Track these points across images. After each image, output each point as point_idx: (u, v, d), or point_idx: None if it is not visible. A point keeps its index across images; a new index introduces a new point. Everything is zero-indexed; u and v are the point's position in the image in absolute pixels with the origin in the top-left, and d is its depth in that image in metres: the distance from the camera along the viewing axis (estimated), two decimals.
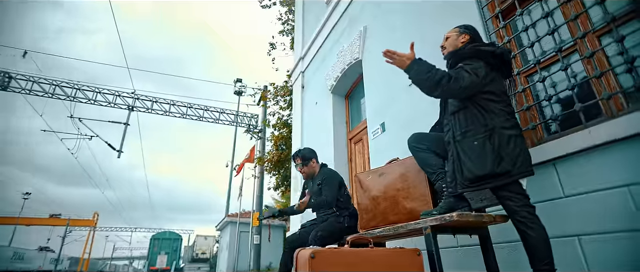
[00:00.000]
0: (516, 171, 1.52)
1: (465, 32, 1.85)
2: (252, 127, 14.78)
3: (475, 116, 1.63)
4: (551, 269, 1.40)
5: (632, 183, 1.51)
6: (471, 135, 1.61)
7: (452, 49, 1.84)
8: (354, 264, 1.40)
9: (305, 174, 2.84)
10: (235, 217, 16.55)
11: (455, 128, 1.69)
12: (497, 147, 1.54)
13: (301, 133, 5.98)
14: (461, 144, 1.64)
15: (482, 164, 1.54)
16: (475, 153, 1.57)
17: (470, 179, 1.58)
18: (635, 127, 1.49)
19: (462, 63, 1.69)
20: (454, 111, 1.72)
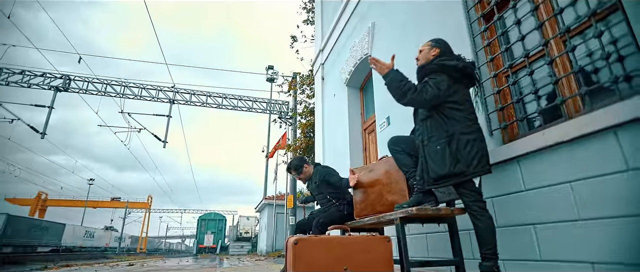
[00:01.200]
0: (471, 171, 1.78)
1: (436, 46, 2.08)
2: (283, 114, 15.38)
3: (438, 123, 1.90)
4: (493, 253, 1.68)
5: (574, 180, 1.71)
6: (435, 140, 1.88)
7: (424, 61, 2.09)
8: (330, 248, 1.77)
9: (304, 179, 3.24)
10: (271, 200, 17.51)
11: (423, 134, 1.96)
12: (455, 151, 1.81)
13: (322, 123, 6.34)
14: (427, 148, 1.91)
15: (442, 165, 1.82)
16: (438, 156, 1.85)
17: (434, 178, 1.87)
18: (579, 130, 1.68)
19: (428, 77, 1.94)
20: (423, 119, 1.99)
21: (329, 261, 1.76)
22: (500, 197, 2.17)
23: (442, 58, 1.99)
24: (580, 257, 1.66)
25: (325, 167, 3.20)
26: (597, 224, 1.60)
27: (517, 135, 2.22)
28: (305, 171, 3.24)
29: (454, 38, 2.72)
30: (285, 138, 13.64)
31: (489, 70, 2.46)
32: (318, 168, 3.23)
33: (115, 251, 32.46)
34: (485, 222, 1.73)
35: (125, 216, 37.95)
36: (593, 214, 1.62)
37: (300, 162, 3.26)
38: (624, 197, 1.50)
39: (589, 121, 1.64)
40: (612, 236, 1.53)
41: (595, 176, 1.62)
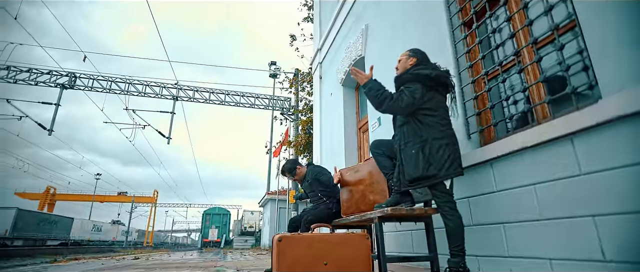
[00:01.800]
0: (442, 174, 1.92)
1: (413, 55, 2.20)
2: (286, 110, 15.52)
3: (413, 129, 2.02)
4: (461, 250, 1.82)
5: (537, 183, 1.85)
6: (411, 145, 2.02)
7: (402, 70, 2.21)
8: (311, 245, 1.93)
9: (299, 179, 3.41)
10: (274, 195, 17.74)
11: (401, 139, 2.10)
12: (428, 155, 1.94)
13: (320, 121, 6.48)
14: (403, 152, 2.05)
15: (416, 168, 1.96)
16: (412, 160, 1.98)
17: (408, 180, 2.01)
18: (541, 136, 1.81)
19: (404, 86, 2.07)
20: (400, 125, 2.12)
21: (310, 257, 1.92)
22: (475, 197, 2.31)
23: (417, 67, 2.12)
24: (540, 254, 1.80)
25: (317, 166, 3.36)
26: (555, 224, 1.73)
27: (492, 139, 2.35)
28: (299, 172, 3.41)
29: (438, 44, 2.86)
30: (288, 134, 13.81)
31: (469, 75, 2.58)
32: (310, 167, 3.39)
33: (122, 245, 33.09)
34: (455, 222, 1.87)
35: (132, 210, 38.59)
36: (552, 214, 1.75)
37: (293, 165, 3.42)
38: (577, 199, 1.63)
39: (549, 128, 1.76)
40: (567, 234, 1.67)
41: (554, 180, 1.75)
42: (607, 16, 1.57)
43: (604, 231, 1.51)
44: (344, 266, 1.96)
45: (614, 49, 1.53)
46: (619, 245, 1.45)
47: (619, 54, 1.51)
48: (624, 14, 1.51)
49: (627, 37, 1.48)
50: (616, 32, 1.53)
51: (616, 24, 1.53)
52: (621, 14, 1.52)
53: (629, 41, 1.47)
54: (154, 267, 4.28)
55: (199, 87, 15.01)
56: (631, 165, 1.42)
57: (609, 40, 1.55)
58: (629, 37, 1.48)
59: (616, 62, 1.52)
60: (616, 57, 1.52)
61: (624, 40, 1.49)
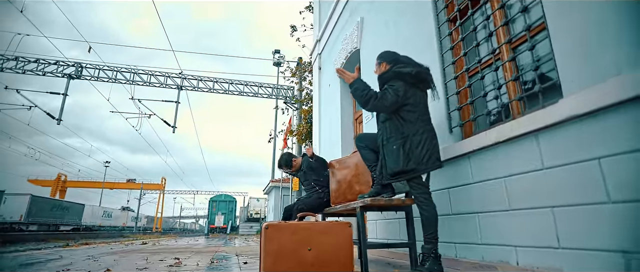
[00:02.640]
0: (421, 168, 2.04)
1: (382, 61, 2.31)
2: (289, 99, 15.62)
3: (396, 126, 2.14)
4: (434, 237, 1.97)
5: (507, 175, 1.97)
6: (393, 141, 2.13)
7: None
8: (296, 232, 2.09)
9: (295, 171, 3.57)
10: (278, 183, 18.03)
11: (383, 134, 2.21)
12: (408, 151, 2.06)
13: (319, 112, 6.60)
14: (386, 147, 2.17)
15: (397, 163, 2.08)
16: (394, 155, 2.10)
17: (390, 174, 2.13)
18: (511, 132, 1.92)
19: (387, 85, 2.18)
20: (383, 121, 2.23)
21: (295, 243, 2.08)
22: (455, 188, 2.44)
23: (398, 66, 2.22)
24: (507, 241, 1.94)
25: (307, 160, 3.50)
26: (520, 214, 1.86)
27: (473, 133, 2.46)
28: (294, 164, 3.57)
29: (427, 39, 2.94)
30: (290, 123, 13.96)
31: (454, 71, 2.67)
32: (305, 158, 3.54)
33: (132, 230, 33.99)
34: (429, 211, 2.00)
35: (141, 197, 39.46)
36: (518, 205, 1.88)
37: (289, 157, 3.59)
38: (539, 192, 1.75)
39: (517, 125, 1.87)
40: (529, 224, 1.80)
41: (521, 173, 1.87)
42: (573, 18, 1.65)
43: (560, 221, 1.63)
44: (327, 251, 2.12)
45: (578, 50, 1.62)
46: (571, 233, 1.58)
47: (582, 55, 1.60)
48: (589, 16, 1.59)
49: (591, 39, 1.57)
50: (580, 34, 1.61)
51: (581, 25, 1.62)
52: (587, 16, 1.60)
53: (592, 43, 1.56)
54: (159, 252, 4.52)
55: (203, 76, 15.17)
56: (585, 161, 1.53)
57: (573, 42, 1.64)
58: (592, 39, 1.56)
59: (579, 63, 1.61)
60: (580, 58, 1.61)
61: (587, 41, 1.58)
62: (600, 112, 1.47)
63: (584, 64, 1.58)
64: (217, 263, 3.05)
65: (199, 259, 3.41)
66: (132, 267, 2.70)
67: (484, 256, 2.11)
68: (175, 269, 2.58)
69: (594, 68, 1.53)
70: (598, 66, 1.52)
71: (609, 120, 1.45)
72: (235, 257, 3.65)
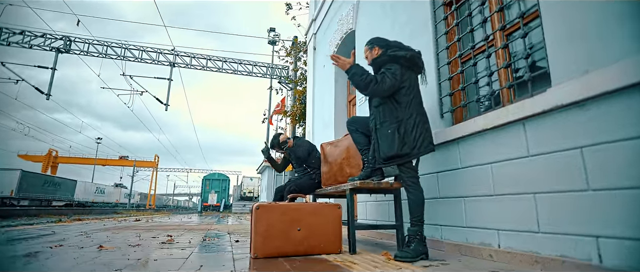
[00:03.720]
0: (415, 152, 2.07)
1: (375, 45, 2.28)
2: (283, 79, 15.47)
3: (390, 110, 2.13)
4: (419, 220, 2.02)
5: (493, 162, 2.01)
6: (387, 125, 2.12)
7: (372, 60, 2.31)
8: (285, 212, 2.13)
9: (288, 151, 3.59)
10: None
11: (377, 118, 2.19)
12: (402, 135, 2.07)
13: (312, 93, 6.57)
14: (379, 131, 2.16)
15: (391, 147, 2.08)
16: (388, 139, 2.10)
17: (383, 158, 2.13)
18: (498, 119, 1.95)
19: (384, 68, 2.16)
20: (376, 105, 2.22)
21: (285, 223, 2.13)
22: (443, 172, 2.49)
23: (392, 49, 2.21)
24: (490, 225, 2.01)
25: (301, 140, 3.52)
26: (504, 199, 1.92)
27: (463, 119, 2.49)
28: (289, 144, 3.59)
29: (422, 23, 2.92)
30: (284, 103, 13.89)
31: (447, 56, 2.67)
32: (296, 141, 3.56)
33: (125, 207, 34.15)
34: (416, 196, 2.05)
35: (134, 174, 39.45)
36: (502, 191, 1.93)
37: (283, 140, 3.61)
38: (523, 178, 1.80)
39: (505, 113, 1.90)
40: (512, 209, 1.86)
41: (507, 160, 1.92)
42: (567, 8, 1.65)
43: (541, 207, 1.69)
44: (316, 231, 2.18)
45: (569, 39, 1.62)
46: (551, 219, 1.64)
47: (572, 45, 1.61)
48: (582, 6, 1.59)
49: (582, 29, 1.57)
50: (572, 24, 1.62)
51: (573, 15, 1.62)
52: (580, 6, 1.60)
53: (582, 33, 1.57)
54: (152, 229, 4.57)
55: (196, 53, 14.88)
56: (568, 149, 1.57)
57: (564, 31, 1.65)
58: (583, 29, 1.57)
59: (569, 53, 1.62)
60: (570, 47, 1.62)
61: (578, 32, 1.59)
62: (587, 102, 1.50)
63: (574, 54, 1.60)
64: (209, 241, 3.11)
65: (192, 237, 3.47)
66: (124, 244, 2.74)
67: (467, 238, 2.19)
68: (168, 246, 2.63)
69: (583, 58, 1.55)
70: (587, 56, 1.53)
71: (594, 110, 1.48)
72: (227, 236, 3.71)
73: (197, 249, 2.49)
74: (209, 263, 1.87)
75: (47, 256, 2.09)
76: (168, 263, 1.87)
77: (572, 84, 1.54)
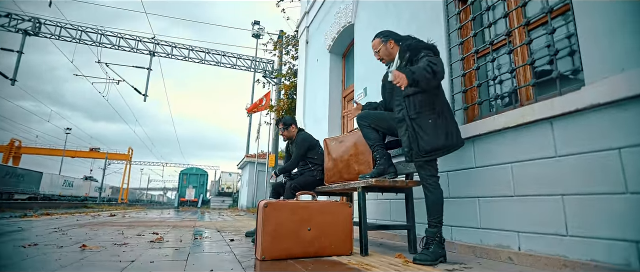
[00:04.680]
0: (456, 144, 1.95)
1: (389, 39, 2.16)
2: (268, 73, 15.17)
3: (427, 99, 1.95)
4: (439, 222, 1.93)
5: (514, 161, 1.94)
6: (425, 115, 1.94)
7: (387, 56, 2.18)
8: (294, 211, 1.98)
9: (285, 137, 3.41)
10: (253, 158, 17.79)
11: (409, 108, 1.98)
12: (445, 125, 1.93)
13: (304, 87, 6.41)
14: (417, 121, 1.95)
15: (436, 138, 1.90)
16: (430, 129, 1.92)
17: (426, 150, 1.92)
18: (523, 118, 1.88)
19: (424, 54, 1.96)
20: (408, 94, 2.00)
21: (295, 222, 1.98)
22: (455, 171, 2.41)
23: (413, 40, 2.10)
24: (510, 227, 1.94)
25: (305, 135, 3.36)
26: (526, 200, 1.85)
27: (476, 116, 2.42)
28: (291, 130, 3.44)
29: (431, 18, 2.82)
30: (269, 98, 13.62)
31: (459, 52, 2.59)
32: (299, 134, 3.39)
33: (95, 201, 32.62)
34: (436, 195, 1.95)
35: (105, 166, 37.76)
36: (525, 191, 1.87)
37: (291, 121, 3.47)
38: (550, 179, 1.74)
39: (530, 111, 1.83)
40: (536, 210, 1.79)
41: (530, 160, 1.85)
42: (601, 2, 1.59)
43: (570, 209, 1.63)
44: (326, 231, 2.04)
45: (604, 36, 1.56)
46: (581, 222, 1.58)
47: (608, 42, 1.55)
48: (618, 2, 1.53)
49: (618, 26, 1.51)
50: (607, 20, 1.55)
51: (608, 11, 1.56)
52: (615, 2, 1.54)
53: (619, 30, 1.51)
54: (133, 225, 4.28)
55: (177, 43, 14.32)
56: (604, 150, 1.51)
57: (599, 27, 1.58)
58: (619, 25, 1.51)
59: (604, 50, 1.56)
60: (605, 44, 1.56)
61: (614, 28, 1.53)
62: (626, 102, 1.44)
63: (610, 51, 1.53)
64: (201, 240, 2.90)
65: (181, 235, 3.24)
66: (109, 243, 2.50)
67: (482, 240, 2.12)
68: (159, 246, 2.41)
69: (620, 56, 1.49)
70: (625, 54, 1.47)
71: (633, 110, 1.42)
72: (218, 234, 3.51)
73: (192, 249, 2.29)
74: (212, 266, 1.69)
75: (23, 256, 1.84)
76: (165, 265, 1.68)
77: (610, 82, 1.48)
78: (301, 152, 3.18)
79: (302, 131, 3.44)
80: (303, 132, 3.40)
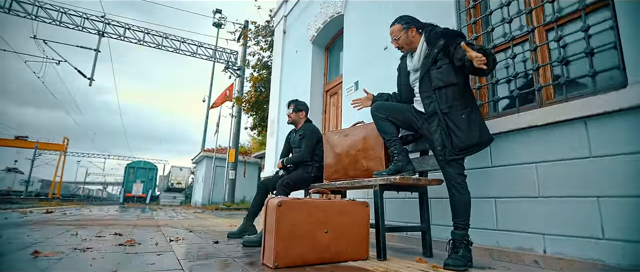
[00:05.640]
0: (488, 140, 1.82)
1: (410, 26, 2.01)
2: (231, 64, 14.46)
3: (459, 92, 1.82)
4: (466, 224, 1.80)
5: (539, 161, 1.88)
6: (458, 109, 1.80)
7: (407, 44, 2.02)
8: (311, 211, 1.74)
9: (291, 119, 3.11)
10: (211, 153, 16.91)
11: (440, 102, 1.84)
12: (479, 121, 1.81)
13: (280, 79, 6.09)
14: (449, 116, 1.81)
15: (471, 135, 1.77)
16: (464, 125, 1.78)
17: (460, 148, 1.78)
18: (556, 116, 1.81)
19: (459, 39, 1.82)
20: (439, 87, 1.85)
21: (311, 224, 1.73)
22: (468, 170, 2.30)
23: (439, 28, 1.96)
24: (533, 229, 1.87)
25: (314, 127, 3.07)
26: (555, 201, 1.79)
27: (486, 115, 2.35)
28: (299, 115, 3.13)
29: (440, 11, 2.71)
30: (232, 90, 12.97)
31: None
32: (308, 125, 3.10)
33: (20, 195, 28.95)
34: (465, 195, 1.81)
35: (34, 157, 33.67)
36: (553, 192, 1.80)
37: (304, 107, 3.17)
38: (583, 180, 1.68)
39: (562, 110, 1.77)
40: (567, 212, 1.73)
41: (560, 160, 1.79)
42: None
43: (607, 212, 1.58)
44: (343, 234, 1.82)
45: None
46: (619, 225, 1.54)
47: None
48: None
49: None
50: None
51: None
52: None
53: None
54: (83, 225, 3.69)
55: (131, 25, 13.06)
56: None
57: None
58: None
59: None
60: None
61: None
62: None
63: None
64: (181, 241, 2.52)
65: (150, 236, 2.81)
66: (66, 247, 2.05)
67: (498, 242, 2.04)
68: (135, 251, 2.02)
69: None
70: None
71: None
72: (192, 234, 3.12)
73: (180, 255, 1.94)
74: None
75: None
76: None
77: None
78: (313, 143, 2.91)
79: (311, 122, 3.15)
80: (312, 124, 3.12)
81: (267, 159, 6.01)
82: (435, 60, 1.89)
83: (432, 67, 1.89)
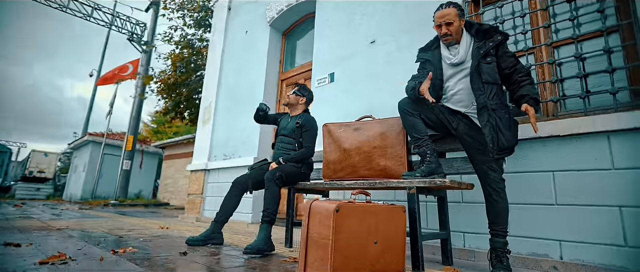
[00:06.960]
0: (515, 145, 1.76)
1: (463, 15, 1.91)
2: (137, 36, 12.38)
3: (499, 91, 1.77)
4: (505, 231, 1.73)
5: (557, 170, 1.95)
6: (502, 108, 1.74)
7: (456, 34, 1.89)
8: (363, 218, 1.41)
9: (287, 100, 2.63)
10: (99, 137, 14.22)
11: (488, 97, 1.74)
12: (515, 121, 1.76)
13: (221, 62, 5.35)
14: (498, 113, 1.71)
15: (513, 136, 1.71)
16: (507, 125, 1.70)
17: (502, 148, 1.69)
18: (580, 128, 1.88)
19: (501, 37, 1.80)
20: (488, 81, 1.76)
21: (362, 233, 1.40)
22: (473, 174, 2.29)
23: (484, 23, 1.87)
24: (548, 235, 1.92)
25: (314, 119, 2.61)
26: (573, 209, 1.86)
27: None
28: (299, 100, 2.67)
29: None
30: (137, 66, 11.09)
31: None
32: (308, 115, 2.62)
33: None
34: (506, 201, 1.75)
35: None
36: (571, 201, 1.88)
37: (307, 94, 2.70)
38: (605, 190, 1.78)
39: (587, 122, 1.86)
40: (587, 220, 1.81)
41: (580, 170, 1.88)
42: None
43: (629, 221, 1.70)
44: (388, 246, 1.54)
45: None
46: None
47: None
48: None
49: None
50: None
51: None
52: None
53: None
54: None
55: None
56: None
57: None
58: None
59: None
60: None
61: None
62: None
63: None
64: (125, 253, 1.83)
65: (66, 246, 1.99)
66: None
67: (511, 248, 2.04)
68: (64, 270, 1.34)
69: None
70: None
71: None
72: (134, 241, 2.36)
73: None
74: None
75: None
76: None
77: None
78: (315, 139, 2.46)
79: (309, 112, 2.69)
80: (311, 115, 2.66)
81: (198, 151, 5.21)
82: (486, 54, 1.78)
83: (482, 60, 1.78)
